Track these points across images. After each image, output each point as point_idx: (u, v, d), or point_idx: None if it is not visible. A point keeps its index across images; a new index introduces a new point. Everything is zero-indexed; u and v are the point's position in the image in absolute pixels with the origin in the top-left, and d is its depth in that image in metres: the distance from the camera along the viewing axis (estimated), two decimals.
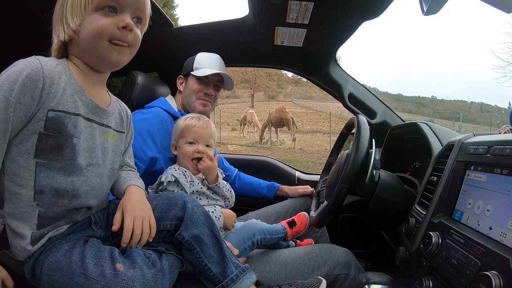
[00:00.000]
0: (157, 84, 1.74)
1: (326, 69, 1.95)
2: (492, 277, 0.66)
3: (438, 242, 0.89)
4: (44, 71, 0.82)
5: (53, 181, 0.85)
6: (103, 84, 1.03)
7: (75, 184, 0.89)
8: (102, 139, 0.97)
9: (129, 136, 1.15)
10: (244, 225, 1.34)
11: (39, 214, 0.85)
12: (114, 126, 1.03)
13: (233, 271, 0.98)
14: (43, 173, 0.84)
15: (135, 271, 0.82)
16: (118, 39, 0.90)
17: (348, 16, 1.44)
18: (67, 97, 0.87)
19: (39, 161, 0.84)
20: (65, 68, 0.90)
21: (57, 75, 0.86)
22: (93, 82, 0.96)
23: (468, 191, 0.91)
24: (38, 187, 0.84)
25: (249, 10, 1.54)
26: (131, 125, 1.15)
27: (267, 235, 1.31)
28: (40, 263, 0.86)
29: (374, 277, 1.04)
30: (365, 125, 1.22)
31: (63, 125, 0.85)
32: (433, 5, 0.83)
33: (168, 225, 1.00)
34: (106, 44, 0.89)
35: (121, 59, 0.94)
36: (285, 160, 3.08)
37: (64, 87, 0.86)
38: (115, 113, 1.04)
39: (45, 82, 0.82)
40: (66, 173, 0.87)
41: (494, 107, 43.87)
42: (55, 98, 0.84)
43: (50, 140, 0.84)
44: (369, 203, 1.20)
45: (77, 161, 0.88)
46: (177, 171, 1.29)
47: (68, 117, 0.86)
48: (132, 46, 0.95)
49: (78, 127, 0.88)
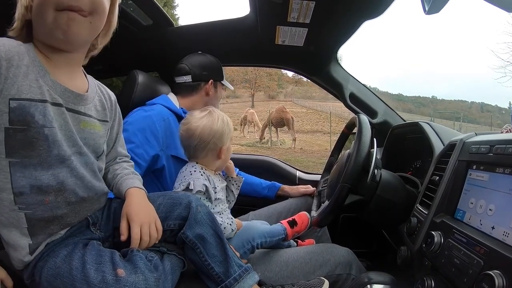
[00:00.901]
0: (157, 84, 1.73)
1: (327, 68, 1.95)
2: (495, 277, 0.66)
3: (440, 241, 0.89)
4: (0, 52, 0.73)
5: (31, 179, 0.79)
6: (77, 67, 0.93)
7: (59, 177, 0.83)
8: (78, 128, 0.89)
9: (117, 124, 1.08)
10: (244, 228, 1.32)
11: (27, 217, 0.81)
12: (96, 115, 0.95)
13: (236, 271, 0.97)
14: (19, 173, 0.78)
15: (137, 276, 0.79)
16: (66, 5, 0.77)
17: (349, 15, 1.44)
18: (30, 82, 0.77)
19: (11, 161, 0.77)
20: (29, 49, 0.80)
21: (16, 55, 0.76)
22: (62, 65, 0.86)
23: (470, 191, 0.91)
24: (16, 189, 0.78)
25: (250, 9, 1.54)
26: (117, 112, 1.08)
27: (267, 238, 1.30)
28: (39, 269, 0.83)
29: (376, 277, 1.04)
30: (366, 125, 1.22)
31: (30, 115, 0.76)
32: (435, 4, 0.83)
33: (172, 225, 0.99)
34: (53, 15, 0.77)
35: (74, 28, 0.80)
36: (286, 160, 3.08)
37: (25, 70, 0.77)
38: (94, 99, 0.95)
39: (1, 66, 0.73)
40: (44, 167, 0.80)
41: (494, 107, 43.90)
42: (15, 84, 0.75)
43: (18, 135, 0.76)
44: (370, 203, 1.20)
45: (53, 153, 0.81)
46: (206, 180, 1.23)
47: (34, 105, 0.77)
48: (93, 13, 0.82)
49: (48, 115, 0.79)
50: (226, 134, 1.29)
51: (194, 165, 1.28)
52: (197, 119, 1.27)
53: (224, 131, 1.28)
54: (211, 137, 1.25)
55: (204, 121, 1.26)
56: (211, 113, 1.29)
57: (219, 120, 1.28)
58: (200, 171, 1.25)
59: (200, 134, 1.24)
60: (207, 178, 1.24)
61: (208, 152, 1.28)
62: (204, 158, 1.29)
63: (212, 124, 1.26)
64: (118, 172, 1.06)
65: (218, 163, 1.32)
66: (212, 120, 1.27)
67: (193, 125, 1.25)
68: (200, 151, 1.27)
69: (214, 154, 1.29)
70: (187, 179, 1.21)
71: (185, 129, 1.27)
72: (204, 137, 1.25)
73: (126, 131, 1.29)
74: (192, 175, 1.23)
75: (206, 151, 1.27)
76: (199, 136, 1.24)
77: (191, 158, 1.31)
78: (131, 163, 1.15)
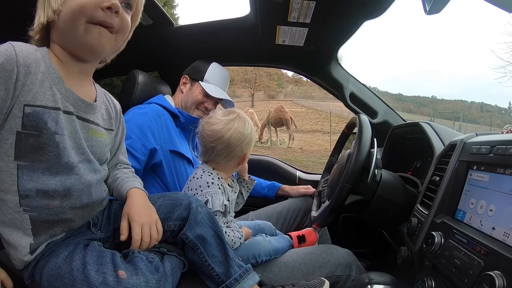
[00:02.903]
0: (157, 83, 1.73)
1: (327, 68, 1.95)
2: (496, 277, 0.66)
3: (440, 242, 0.89)
4: (18, 59, 0.74)
5: (38, 183, 0.80)
6: (88, 76, 0.95)
7: (65, 183, 0.84)
8: (87, 136, 0.90)
9: (120, 133, 1.10)
10: (252, 243, 1.25)
11: (31, 219, 0.81)
12: (103, 124, 0.97)
13: (236, 271, 0.97)
14: (26, 176, 0.78)
15: (138, 278, 0.79)
16: (100, 20, 0.82)
17: (349, 15, 1.44)
18: (44, 90, 0.79)
19: (20, 164, 0.78)
20: (44, 55, 0.82)
21: (34, 63, 0.78)
22: (75, 73, 0.88)
23: (470, 191, 0.90)
24: (22, 191, 0.79)
25: (250, 9, 1.53)
26: (121, 121, 1.10)
27: (272, 255, 1.25)
28: (40, 269, 0.83)
29: (376, 277, 1.04)
30: (367, 125, 1.22)
31: (43, 121, 0.78)
32: (436, 4, 0.83)
33: (172, 226, 0.99)
34: (85, 26, 0.81)
35: (102, 42, 0.85)
36: (285, 159, 3.07)
37: (41, 78, 0.79)
38: (101, 109, 0.97)
39: (19, 72, 0.74)
40: (52, 173, 0.81)
41: (494, 107, 43.86)
42: (32, 91, 0.77)
43: (30, 139, 0.77)
44: (370, 203, 1.20)
45: (63, 160, 0.82)
46: (224, 195, 1.18)
47: (47, 113, 0.79)
48: (119, 32, 0.87)
49: (60, 123, 0.81)
50: (253, 140, 1.24)
51: (210, 171, 1.21)
52: (226, 122, 1.19)
53: (252, 137, 1.23)
54: (240, 142, 1.19)
55: (234, 125, 1.18)
56: (240, 116, 1.22)
57: (248, 125, 1.22)
58: (218, 182, 1.19)
59: (230, 138, 1.17)
60: (224, 190, 1.20)
61: (232, 158, 1.22)
62: (224, 164, 1.23)
63: (243, 129, 1.19)
64: (119, 176, 1.07)
65: (237, 169, 1.29)
66: (242, 124, 1.20)
67: (221, 128, 1.18)
68: (223, 156, 1.21)
69: (236, 160, 1.23)
70: (204, 192, 1.15)
71: (211, 130, 1.19)
72: (233, 143, 1.18)
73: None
74: (210, 187, 1.16)
75: (230, 157, 1.21)
76: (228, 141, 1.17)
77: (208, 161, 1.24)
78: (132, 170, 1.16)
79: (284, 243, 1.34)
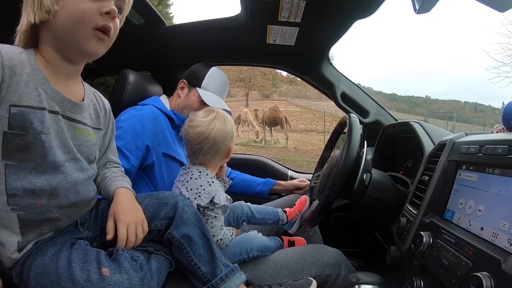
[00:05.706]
0: (149, 83, 1.72)
1: (318, 68, 1.95)
2: (483, 278, 0.65)
3: (429, 242, 0.88)
4: (3, 60, 0.75)
5: (25, 182, 0.81)
6: (76, 76, 0.96)
7: (52, 182, 0.84)
8: (73, 135, 0.91)
9: (110, 132, 1.10)
10: (243, 238, 1.28)
11: (19, 218, 0.82)
12: (90, 123, 0.97)
13: (222, 271, 0.97)
14: (13, 175, 0.79)
15: (121, 275, 0.80)
16: (101, 27, 0.84)
17: (340, 15, 1.43)
18: (30, 90, 0.80)
19: (8, 163, 0.79)
20: (30, 57, 0.82)
21: (19, 64, 0.79)
22: (63, 74, 0.89)
23: (459, 191, 0.90)
24: (10, 190, 0.80)
25: (241, 8, 1.52)
26: (111, 120, 1.10)
27: (263, 252, 1.27)
28: (27, 267, 0.84)
29: (364, 277, 1.04)
30: (356, 127, 1.22)
31: (28, 121, 0.79)
32: (425, 3, 0.83)
33: (159, 225, 0.99)
34: (89, 32, 0.84)
35: (98, 50, 0.88)
36: (280, 159, 3.08)
37: (26, 79, 0.79)
38: (89, 108, 0.98)
39: (4, 73, 0.76)
40: (39, 172, 0.82)
41: (488, 107, 44.17)
42: (17, 92, 0.78)
43: (16, 139, 0.78)
44: (360, 203, 1.20)
45: (49, 159, 0.83)
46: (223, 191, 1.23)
47: (33, 113, 0.80)
48: (110, 37, 0.89)
49: (45, 123, 0.82)
50: (234, 134, 1.30)
51: (205, 171, 1.24)
52: (208, 122, 1.23)
53: (233, 131, 1.28)
54: (224, 139, 1.23)
55: (216, 124, 1.23)
56: (219, 114, 1.26)
57: (228, 121, 1.26)
58: (216, 181, 1.24)
59: (214, 137, 1.21)
60: (221, 187, 1.24)
61: (219, 154, 1.26)
62: (212, 162, 1.27)
63: (225, 126, 1.24)
64: (107, 175, 1.07)
65: (222, 162, 1.32)
66: (223, 121, 1.25)
67: (205, 129, 1.22)
68: (211, 155, 1.24)
69: (222, 155, 1.28)
70: (208, 190, 1.17)
71: (194, 133, 1.22)
72: (218, 140, 1.22)
73: (119, 129, 1.31)
74: (212, 186, 1.20)
75: (217, 154, 1.25)
76: (213, 140, 1.21)
77: (198, 162, 1.27)
78: (122, 169, 1.16)
79: (275, 243, 1.35)
